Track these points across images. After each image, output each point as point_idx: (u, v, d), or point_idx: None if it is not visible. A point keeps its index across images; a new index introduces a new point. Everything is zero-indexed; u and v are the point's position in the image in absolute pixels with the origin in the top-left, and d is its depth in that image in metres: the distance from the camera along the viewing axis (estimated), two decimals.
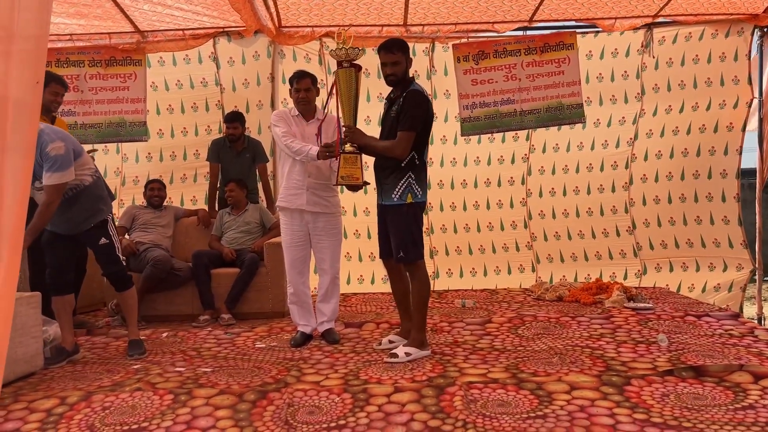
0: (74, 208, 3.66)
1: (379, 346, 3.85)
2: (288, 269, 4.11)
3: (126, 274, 3.92)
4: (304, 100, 3.98)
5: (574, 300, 5.02)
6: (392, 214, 3.58)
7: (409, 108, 3.45)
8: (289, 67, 5.88)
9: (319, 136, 3.95)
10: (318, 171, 4.00)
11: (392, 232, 3.60)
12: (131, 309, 3.95)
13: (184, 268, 4.84)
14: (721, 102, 5.89)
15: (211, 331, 4.43)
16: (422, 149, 3.57)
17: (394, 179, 3.54)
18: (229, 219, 5.20)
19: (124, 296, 3.90)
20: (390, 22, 5.72)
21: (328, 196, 4.06)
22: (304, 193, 3.98)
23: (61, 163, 3.42)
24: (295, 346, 3.99)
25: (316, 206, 4.01)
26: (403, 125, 3.45)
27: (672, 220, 6.09)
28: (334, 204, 4.10)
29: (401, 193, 3.52)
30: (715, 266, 6.02)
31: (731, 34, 5.81)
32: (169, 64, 5.95)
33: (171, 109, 6.03)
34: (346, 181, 3.60)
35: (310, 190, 3.98)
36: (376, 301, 5.38)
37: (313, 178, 3.99)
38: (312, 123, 4.03)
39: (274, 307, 4.86)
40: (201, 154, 5.99)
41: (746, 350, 3.44)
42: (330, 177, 4.07)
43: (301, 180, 3.98)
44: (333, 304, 4.14)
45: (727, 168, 5.94)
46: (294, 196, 4.00)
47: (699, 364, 3.14)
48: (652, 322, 4.20)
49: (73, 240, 3.76)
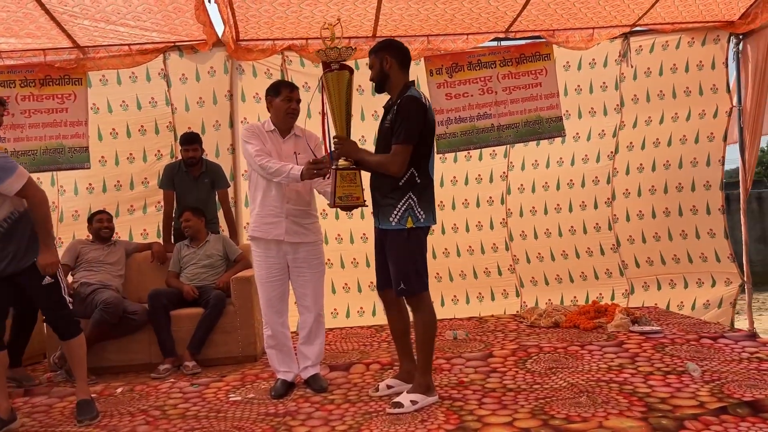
0: (14, 240, 3.08)
1: (376, 393, 3.34)
2: (264, 309, 3.56)
3: (73, 319, 3.31)
4: (295, 113, 3.52)
5: (572, 325, 4.64)
6: (391, 240, 3.12)
7: (403, 117, 3.01)
8: (248, 83, 5.40)
9: (297, 155, 3.48)
10: (298, 196, 3.50)
11: (391, 260, 3.13)
12: (79, 361, 3.31)
13: (140, 310, 4.23)
14: (700, 111, 5.72)
15: (174, 382, 3.82)
16: (423, 164, 3.09)
17: (392, 200, 3.07)
18: (189, 252, 4.62)
19: (71, 346, 3.28)
20: (358, 34, 5.30)
21: (309, 224, 3.57)
22: (283, 222, 3.46)
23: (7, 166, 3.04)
24: (276, 397, 3.44)
25: (296, 236, 3.50)
26: (397, 137, 3.01)
27: (657, 236, 5.84)
28: (315, 232, 3.61)
29: (400, 217, 3.05)
30: (704, 282, 5.79)
31: (708, 42, 5.66)
32: (113, 83, 5.33)
33: (115, 133, 5.40)
34: (345, 201, 3.12)
35: (289, 218, 3.47)
36: (356, 337, 4.87)
37: (293, 204, 3.48)
38: (288, 140, 3.56)
39: (245, 350, 4.30)
40: (151, 182, 5.39)
41: None
42: (310, 202, 3.59)
43: (279, 207, 3.46)
44: (318, 345, 3.61)
45: (711, 179, 5.75)
46: (270, 225, 3.47)
47: (754, 398, 2.78)
48: (668, 347, 3.85)
49: (6, 282, 3.13)
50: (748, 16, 5.35)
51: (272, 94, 3.54)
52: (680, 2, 5.15)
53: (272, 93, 3.54)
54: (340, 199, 3.10)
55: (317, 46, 5.30)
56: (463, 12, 5.03)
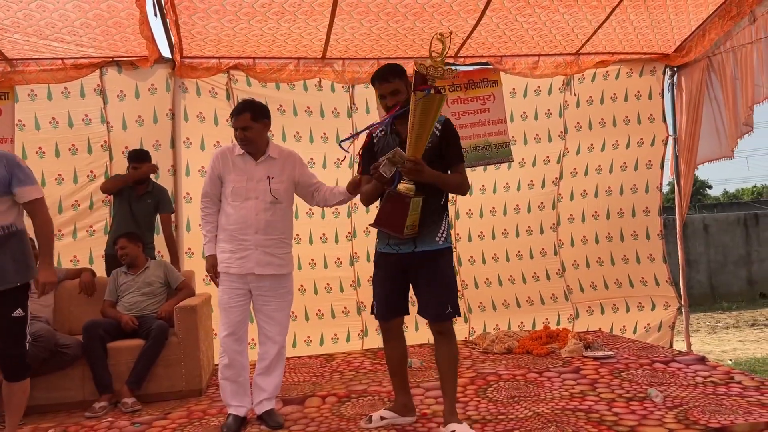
0: (2, 255, 2.83)
1: (369, 424, 3.16)
2: (223, 336, 3.32)
3: (26, 361, 3.00)
4: (244, 141, 3.30)
5: (525, 351, 4.62)
6: (436, 260, 2.97)
7: (454, 137, 3.02)
8: (192, 102, 5.16)
9: (270, 179, 3.31)
10: (267, 224, 3.30)
11: (437, 282, 2.97)
12: (18, 407, 3.00)
13: (72, 343, 3.88)
14: (639, 140, 5.91)
15: (113, 422, 3.51)
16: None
17: (437, 218, 2.98)
18: (127, 280, 4.32)
19: (14, 389, 2.96)
20: (308, 54, 5.20)
21: (282, 253, 3.37)
22: (253, 254, 3.27)
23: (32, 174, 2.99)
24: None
25: (268, 267, 3.31)
26: (458, 157, 3.02)
27: (600, 260, 5.95)
28: (288, 261, 3.43)
29: (446, 235, 3.00)
30: (644, 305, 5.93)
31: (645, 73, 5.89)
32: (43, 98, 4.96)
33: (42, 152, 5.00)
34: (410, 231, 2.87)
35: (259, 249, 3.28)
36: (306, 367, 4.66)
37: (262, 233, 3.29)
38: (261, 163, 3.36)
39: (189, 384, 4.02)
40: (82, 205, 5.04)
41: (746, 402, 3.17)
42: (284, 230, 3.40)
43: (248, 238, 3.27)
44: (276, 378, 3.40)
45: (650, 205, 5.94)
46: (241, 259, 3.27)
47: (722, 425, 2.79)
48: (624, 372, 3.87)
49: None
50: (682, 49, 5.60)
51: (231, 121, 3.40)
52: (621, 31, 5.34)
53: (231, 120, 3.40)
54: (408, 228, 2.84)
55: (264, 66, 5.20)
56: (414, 32, 5.01)
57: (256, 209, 3.29)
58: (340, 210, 5.50)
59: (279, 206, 3.34)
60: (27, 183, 2.93)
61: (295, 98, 5.37)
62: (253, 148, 3.34)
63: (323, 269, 5.50)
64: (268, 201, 3.30)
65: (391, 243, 2.98)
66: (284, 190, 3.37)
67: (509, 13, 4.92)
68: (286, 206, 3.41)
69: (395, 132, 3.02)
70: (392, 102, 2.97)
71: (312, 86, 5.39)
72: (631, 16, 5.13)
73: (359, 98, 5.52)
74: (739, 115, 5.04)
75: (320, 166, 5.41)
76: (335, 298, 5.52)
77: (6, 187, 2.88)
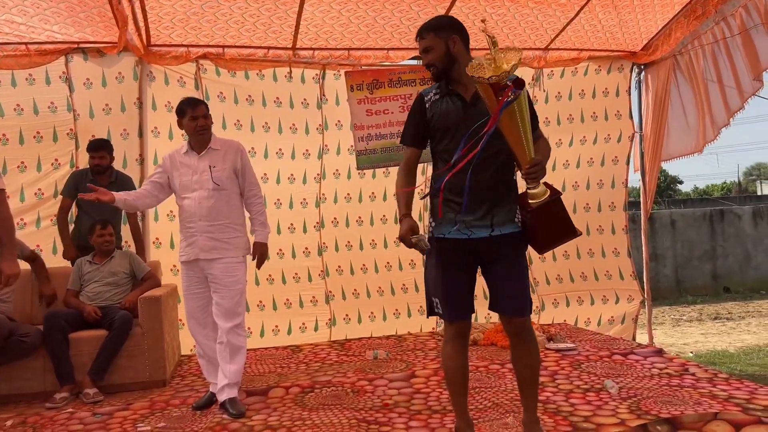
0: None
1: None
2: (187, 321, 3.60)
3: None
4: (203, 128, 3.48)
5: (490, 343, 4.69)
6: (513, 247, 2.52)
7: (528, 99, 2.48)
8: (160, 91, 5.11)
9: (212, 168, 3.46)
10: (210, 210, 3.43)
11: (517, 273, 2.57)
12: None
13: (32, 332, 3.84)
14: (606, 136, 6.00)
15: (74, 413, 3.49)
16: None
17: (511, 197, 2.55)
18: (91, 269, 4.27)
19: None
20: (277, 44, 5.17)
21: (229, 238, 3.46)
22: (198, 240, 3.44)
23: None
24: (196, 408, 3.42)
25: (213, 252, 3.43)
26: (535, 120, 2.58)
27: (566, 254, 6.03)
28: (235, 246, 3.48)
29: (518, 216, 2.54)
30: (608, 299, 6.04)
31: (612, 70, 5.96)
32: (7, 84, 4.86)
33: (5, 139, 4.89)
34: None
35: (203, 235, 3.43)
36: (272, 358, 4.67)
37: (205, 220, 3.44)
38: (204, 156, 3.52)
39: (153, 374, 4.00)
40: (45, 193, 4.95)
41: (698, 393, 3.26)
42: (230, 215, 3.47)
43: (192, 225, 3.46)
44: (235, 365, 3.45)
45: (615, 201, 6.04)
46: (189, 246, 3.48)
47: (672, 416, 2.87)
48: (584, 364, 3.95)
49: None
50: (649, 47, 5.69)
51: (180, 115, 3.55)
52: (590, 29, 5.41)
53: (179, 115, 3.55)
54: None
55: (234, 54, 5.16)
56: (384, 18, 4.98)
57: (200, 198, 3.44)
58: (308, 200, 5.52)
59: (223, 193, 3.47)
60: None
61: (265, 88, 5.34)
62: (208, 136, 3.51)
63: (291, 259, 5.50)
64: (211, 188, 3.44)
65: (461, 227, 2.50)
66: (226, 177, 3.49)
67: (479, 5, 4.95)
68: (231, 193, 3.51)
69: (455, 94, 2.58)
70: (426, 61, 2.59)
71: (282, 76, 5.37)
72: (599, 14, 5.19)
73: (329, 89, 5.50)
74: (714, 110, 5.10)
75: (289, 156, 5.40)
76: (304, 288, 5.52)
77: None
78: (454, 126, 2.53)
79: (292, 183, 5.49)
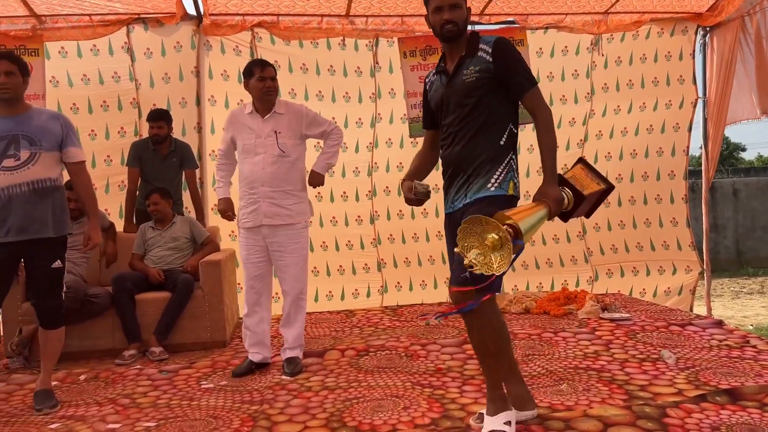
0: (44, 204, 3.00)
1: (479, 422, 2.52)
2: (245, 288, 3.60)
3: (62, 310, 3.16)
4: (270, 90, 3.45)
5: (542, 312, 4.68)
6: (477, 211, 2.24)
7: (514, 58, 2.43)
8: (216, 60, 5.21)
9: (278, 134, 3.45)
10: (274, 176, 3.45)
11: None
12: (53, 354, 3.17)
13: (102, 294, 4.05)
14: (667, 102, 5.81)
15: (141, 369, 3.68)
16: (517, 119, 2.54)
17: (489, 165, 2.43)
18: (154, 234, 4.45)
19: (50, 337, 3.13)
20: (331, 12, 5.18)
21: (291, 204, 3.50)
22: (261, 206, 3.45)
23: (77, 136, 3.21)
24: (235, 375, 3.47)
25: (276, 218, 3.46)
26: (522, 84, 2.41)
27: (622, 224, 5.93)
28: (298, 213, 3.53)
29: (501, 180, 2.42)
30: (665, 269, 5.92)
31: (676, 33, 5.74)
32: (73, 56, 5.06)
33: (76, 108, 5.12)
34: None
35: (266, 201, 3.44)
36: (327, 322, 4.80)
37: (269, 186, 3.45)
38: (269, 119, 3.49)
39: (214, 335, 4.17)
40: (113, 160, 5.16)
41: (759, 365, 3.19)
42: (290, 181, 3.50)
43: (254, 191, 3.46)
44: (296, 329, 3.57)
45: (675, 169, 5.87)
46: (252, 212, 3.48)
47: (732, 386, 2.83)
48: (639, 334, 3.91)
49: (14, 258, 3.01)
50: (715, 8, 5.44)
51: (247, 76, 3.52)
52: None
53: (246, 75, 3.52)
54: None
55: (288, 22, 5.20)
56: None
57: (263, 163, 3.44)
58: (360, 169, 5.56)
59: (287, 159, 3.47)
60: (78, 145, 3.15)
61: (318, 57, 5.37)
62: (274, 99, 3.49)
63: (344, 227, 5.59)
64: (276, 154, 3.44)
65: (447, 202, 2.56)
66: (291, 144, 3.50)
67: None
68: (294, 159, 3.51)
69: (442, 71, 2.57)
70: (449, 17, 2.42)
71: (335, 44, 5.39)
72: None
73: (382, 57, 5.49)
74: None
75: (342, 125, 5.43)
76: (356, 255, 5.62)
77: (58, 145, 3.06)
78: (439, 102, 2.58)
79: (345, 151, 5.52)
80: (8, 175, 2.92)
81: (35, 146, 2.98)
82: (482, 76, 2.43)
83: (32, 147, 2.97)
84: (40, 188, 2.98)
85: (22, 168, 2.94)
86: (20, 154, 2.94)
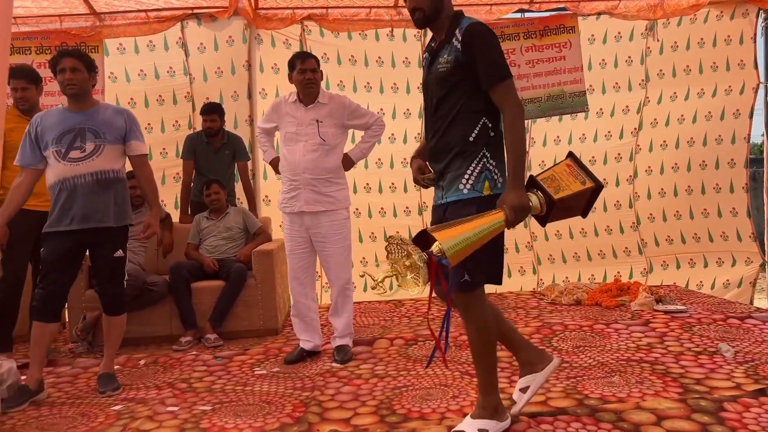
0: (107, 194, 3.14)
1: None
2: (290, 279, 3.69)
3: (124, 297, 3.32)
4: (311, 82, 3.50)
5: (594, 303, 4.61)
6: (454, 214, 2.28)
7: (485, 47, 2.24)
8: (267, 53, 5.30)
9: (319, 122, 3.51)
10: (315, 164, 3.50)
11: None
12: (116, 339, 3.31)
13: (160, 282, 4.19)
14: (726, 88, 5.60)
15: (197, 355, 3.80)
16: (496, 113, 2.33)
17: (460, 161, 2.31)
18: (208, 224, 4.57)
19: (113, 323, 3.27)
20: (380, 3, 5.19)
21: (332, 191, 3.55)
22: (302, 192, 3.51)
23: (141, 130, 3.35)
24: (287, 362, 3.56)
25: (317, 205, 3.52)
26: (489, 76, 2.23)
27: (678, 214, 5.76)
28: (339, 200, 3.58)
29: (474, 181, 2.28)
30: (724, 261, 5.73)
31: (736, 16, 5.52)
32: (131, 52, 5.24)
33: (133, 102, 5.30)
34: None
35: (307, 188, 3.50)
36: (375, 312, 4.84)
37: (309, 173, 3.50)
38: (311, 108, 3.55)
39: (266, 323, 4.27)
40: (169, 153, 5.33)
41: None
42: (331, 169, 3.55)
43: (296, 178, 3.53)
44: (345, 318, 3.63)
45: (735, 157, 5.66)
46: (292, 198, 3.55)
47: None
48: (695, 327, 3.81)
49: (78, 248, 3.15)
50: None
51: (290, 69, 3.60)
52: None
53: (289, 68, 3.61)
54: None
55: (337, 14, 5.23)
56: None
57: (304, 151, 3.49)
58: (408, 160, 5.55)
59: (326, 148, 3.51)
60: (140, 139, 3.30)
61: (367, 48, 5.40)
62: (316, 90, 3.54)
63: (393, 218, 5.61)
64: (317, 142, 3.49)
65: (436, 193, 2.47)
66: (332, 134, 3.55)
67: None
68: (335, 148, 3.56)
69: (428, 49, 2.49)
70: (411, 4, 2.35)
71: (383, 36, 5.40)
72: None
73: None
74: None
75: (390, 116, 5.45)
76: None
77: (121, 138, 3.20)
78: (423, 89, 2.50)
79: (393, 143, 5.55)
80: (74, 166, 3.06)
81: (100, 139, 3.11)
82: (453, 66, 2.29)
83: (97, 140, 3.11)
84: (103, 179, 3.11)
85: (86, 159, 3.08)
86: (86, 146, 3.09)
